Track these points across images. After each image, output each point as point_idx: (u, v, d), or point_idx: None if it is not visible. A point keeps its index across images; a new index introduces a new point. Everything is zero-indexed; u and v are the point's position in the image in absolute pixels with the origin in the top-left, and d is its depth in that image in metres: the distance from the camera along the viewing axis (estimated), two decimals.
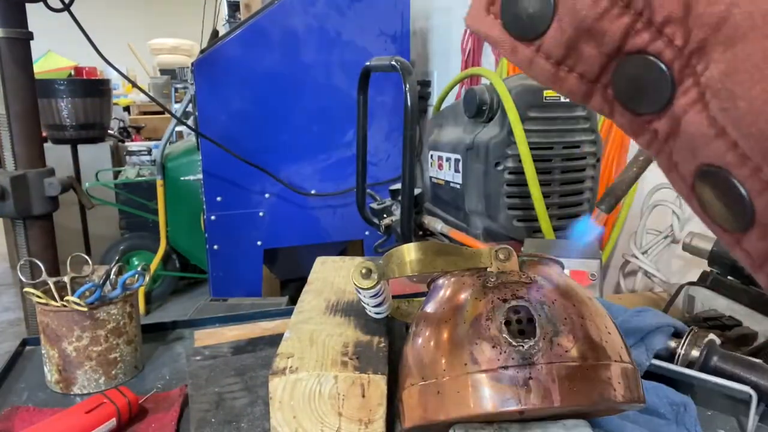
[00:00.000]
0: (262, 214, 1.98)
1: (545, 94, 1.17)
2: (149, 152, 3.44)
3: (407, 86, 1.08)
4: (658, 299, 1.08)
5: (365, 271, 0.51)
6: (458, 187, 1.31)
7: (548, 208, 1.17)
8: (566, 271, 0.86)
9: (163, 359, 0.76)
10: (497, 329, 0.43)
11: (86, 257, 0.75)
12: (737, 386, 0.59)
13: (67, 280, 0.72)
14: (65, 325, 0.65)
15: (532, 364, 0.41)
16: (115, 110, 4.00)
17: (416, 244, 0.51)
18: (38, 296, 0.67)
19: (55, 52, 3.79)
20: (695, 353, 0.64)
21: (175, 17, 6.96)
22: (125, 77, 1.55)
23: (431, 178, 1.45)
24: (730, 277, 0.92)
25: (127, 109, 4.97)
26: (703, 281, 0.95)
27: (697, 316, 0.87)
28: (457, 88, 1.76)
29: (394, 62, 1.11)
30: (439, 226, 1.22)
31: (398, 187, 1.18)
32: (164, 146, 2.53)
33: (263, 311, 0.87)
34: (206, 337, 0.78)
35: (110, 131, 3.65)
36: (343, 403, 0.49)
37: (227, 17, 3.15)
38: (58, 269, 1.37)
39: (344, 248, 2.22)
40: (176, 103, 3.95)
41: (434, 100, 2.12)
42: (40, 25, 1.44)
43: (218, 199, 1.92)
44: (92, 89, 3.18)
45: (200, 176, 1.95)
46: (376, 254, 1.47)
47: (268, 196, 1.97)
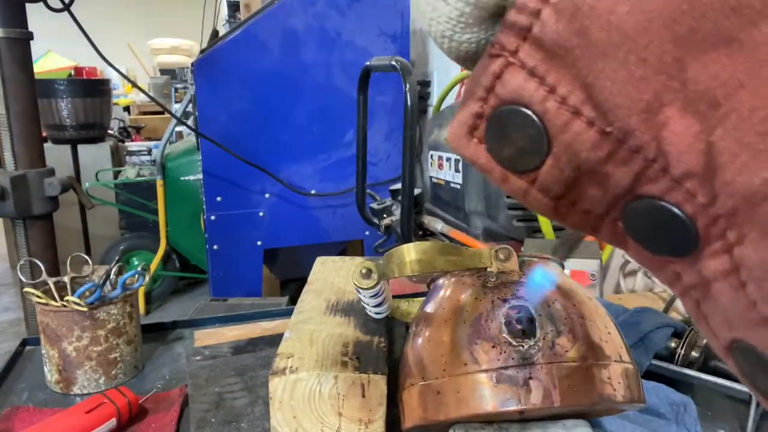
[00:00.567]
0: (262, 214, 1.98)
1: None
2: (149, 152, 3.44)
3: (407, 86, 1.08)
4: (658, 299, 1.08)
5: (365, 271, 0.51)
6: (458, 187, 1.30)
7: None
8: (566, 271, 0.86)
9: (163, 359, 0.76)
10: (497, 329, 0.43)
11: (86, 257, 0.75)
12: (737, 386, 0.59)
13: (67, 280, 0.72)
14: (65, 325, 0.65)
15: (532, 364, 0.41)
16: (115, 110, 3.99)
17: (416, 244, 0.51)
18: (38, 296, 0.67)
19: (55, 52, 3.80)
20: (695, 353, 0.64)
21: (175, 17, 6.96)
22: (125, 77, 1.55)
23: (431, 178, 1.45)
24: None
25: (127, 109, 4.97)
26: None
27: None
28: (457, 88, 1.76)
29: (394, 62, 1.11)
30: (439, 226, 1.22)
31: (398, 187, 1.18)
32: (164, 146, 2.53)
33: (263, 311, 0.87)
34: (206, 337, 0.78)
35: (110, 131, 3.65)
36: (343, 403, 0.49)
37: (227, 17, 3.15)
38: (58, 269, 1.37)
39: (344, 248, 2.22)
40: (176, 103, 3.95)
41: (434, 100, 2.12)
42: (40, 25, 1.44)
43: (218, 199, 1.92)
44: (92, 89, 3.18)
45: (200, 176, 1.95)
46: (376, 254, 1.47)
47: (268, 196, 1.97)
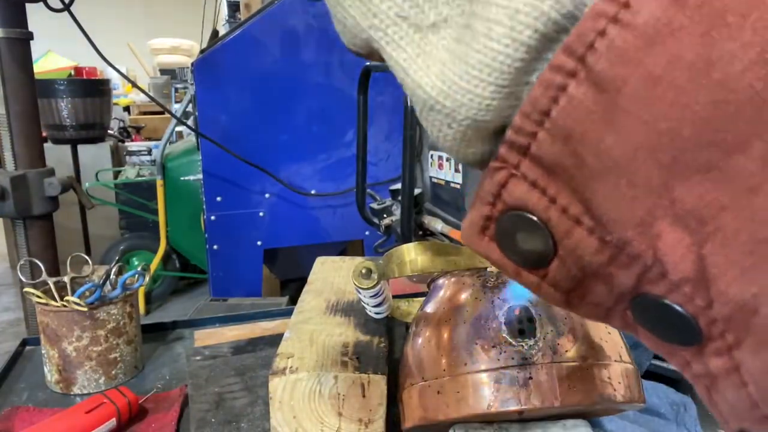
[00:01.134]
0: (262, 214, 1.98)
1: None
2: (149, 152, 3.44)
3: None
4: None
5: (365, 271, 0.51)
6: (458, 187, 1.30)
7: None
8: None
9: (163, 359, 0.76)
10: (497, 329, 0.43)
11: (86, 257, 0.75)
12: None
13: (67, 280, 0.72)
14: (65, 325, 0.65)
15: (532, 364, 0.41)
16: (115, 110, 3.99)
17: (416, 244, 0.51)
18: (38, 296, 0.67)
19: (55, 52, 3.79)
20: None
21: (175, 17, 6.96)
22: (125, 77, 1.55)
23: (431, 178, 1.45)
24: None
25: (127, 109, 4.97)
26: None
27: None
28: None
29: None
30: (439, 226, 1.22)
31: (398, 187, 1.18)
32: (164, 146, 2.52)
33: (263, 311, 0.87)
34: (206, 337, 0.78)
35: (110, 131, 3.65)
36: (343, 403, 0.49)
37: (227, 17, 3.15)
38: (58, 269, 1.37)
39: (344, 248, 2.22)
40: (176, 103, 3.95)
41: None
42: (40, 25, 1.44)
43: (218, 199, 1.92)
44: (92, 89, 3.18)
45: (200, 176, 1.95)
46: (376, 254, 1.47)
47: (268, 196, 1.97)
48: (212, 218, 1.93)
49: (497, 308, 0.44)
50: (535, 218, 0.15)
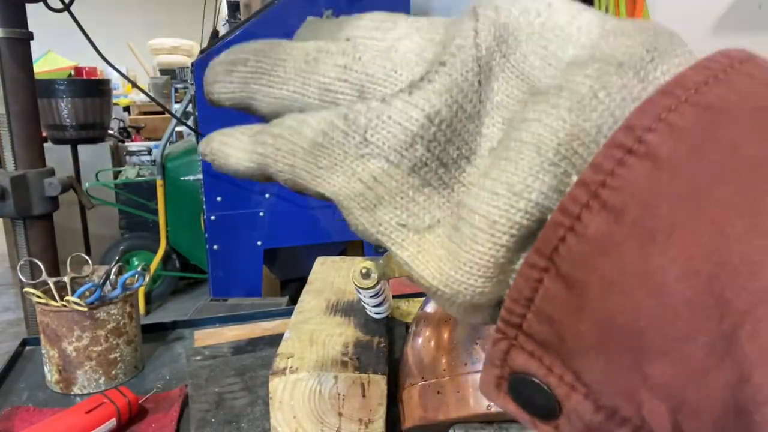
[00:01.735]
0: (262, 214, 1.98)
1: None
2: (149, 152, 3.44)
3: None
4: None
5: (365, 271, 0.51)
6: None
7: None
8: None
9: (163, 359, 0.76)
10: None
11: (86, 257, 0.75)
12: None
13: (67, 280, 0.72)
14: (65, 325, 0.65)
15: None
16: (115, 110, 3.99)
17: None
18: (38, 296, 0.67)
19: (55, 52, 3.79)
20: None
21: (175, 17, 6.97)
22: (125, 77, 1.55)
23: None
24: None
25: (127, 109, 4.97)
26: None
27: None
28: None
29: None
30: None
31: None
32: (164, 146, 2.53)
33: (263, 311, 0.87)
34: (206, 337, 0.78)
35: (110, 131, 3.65)
36: (343, 403, 0.49)
37: (227, 17, 3.15)
38: (58, 269, 1.37)
39: (344, 248, 2.22)
40: (176, 103, 3.95)
41: None
42: (40, 25, 1.44)
43: (218, 199, 1.92)
44: (92, 89, 3.18)
45: (200, 176, 1.95)
46: (376, 254, 1.47)
47: (268, 196, 1.97)
48: (212, 218, 1.93)
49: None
50: (538, 381, 0.17)
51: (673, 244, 0.13)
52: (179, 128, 3.42)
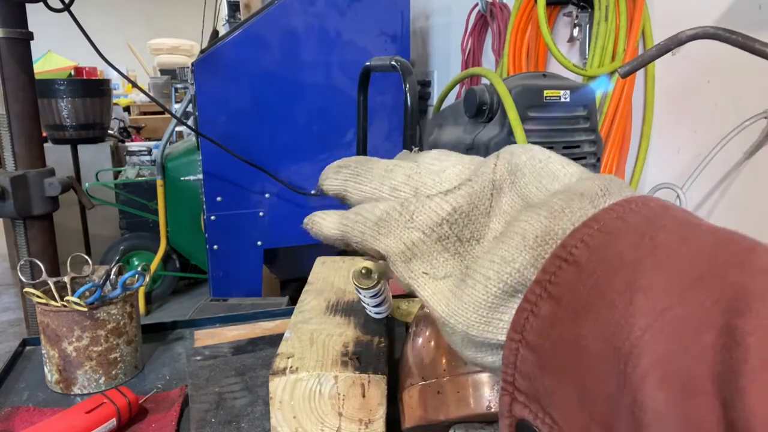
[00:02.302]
0: (262, 214, 1.98)
1: (545, 93, 1.17)
2: (149, 152, 3.44)
3: (407, 86, 1.08)
4: None
5: (365, 271, 0.51)
6: None
7: None
8: None
9: (163, 359, 0.76)
10: None
11: (86, 257, 0.75)
12: None
13: (67, 280, 0.72)
14: (65, 325, 0.65)
15: None
16: (115, 110, 4.00)
17: None
18: (38, 296, 0.67)
19: (55, 52, 3.80)
20: None
21: (175, 17, 6.97)
22: (125, 77, 1.55)
23: None
24: None
25: (127, 109, 4.97)
26: None
27: None
28: (457, 88, 1.76)
29: (394, 62, 1.11)
30: None
31: None
32: (164, 146, 2.53)
33: (263, 311, 0.87)
34: (206, 337, 0.78)
35: (110, 131, 3.66)
36: (343, 403, 0.49)
37: (227, 17, 3.15)
38: (58, 269, 1.37)
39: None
40: (176, 103, 3.95)
41: (434, 100, 2.12)
42: (40, 25, 1.44)
43: (218, 199, 1.92)
44: (92, 89, 3.18)
45: (200, 176, 1.95)
46: None
47: (268, 196, 1.97)
48: (212, 218, 1.93)
49: None
50: (533, 426, 0.22)
51: (589, 318, 0.20)
52: (179, 128, 3.42)
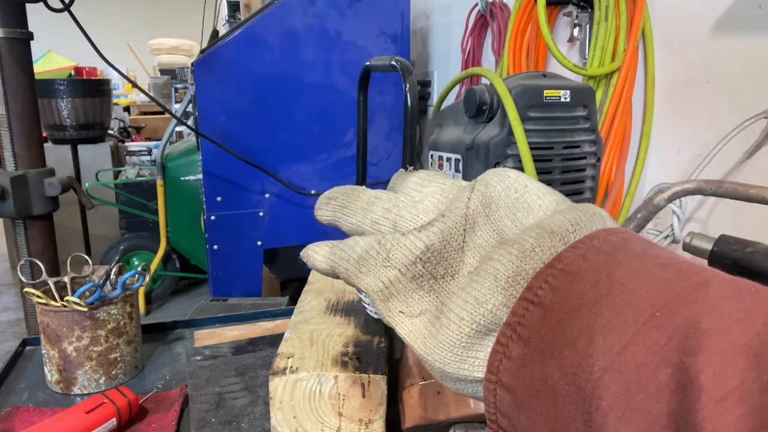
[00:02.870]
0: (262, 214, 1.98)
1: (545, 93, 1.17)
2: (149, 152, 3.44)
3: (407, 86, 1.08)
4: None
5: None
6: None
7: None
8: None
9: (163, 359, 0.76)
10: None
11: (86, 257, 0.75)
12: None
13: (67, 280, 0.72)
14: (65, 325, 0.65)
15: None
16: (115, 110, 4.00)
17: None
18: (38, 296, 0.67)
19: (55, 52, 3.80)
20: None
21: (175, 17, 6.97)
22: (125, 77, 1.55)
23: None
24: None
25: (127, 109, 4.97)
26: None
27: None
28: (457, 88, 1.76)
29: (394, 62, 1.11)
30: None
31: None
32: (164, 146, 2.53)
33: (263, 311, 0.87)
34: (206, 337, 0.78)
35: (110, 131, 3.66)
36: (343, 403, 0.49)
37: (227, 17, 3.15)
38: (58, 269, 1.37)
39: None
40: (176, 103, 3.95)
41: (434, 100, 2.12)
42: (40, 25, 1.44)
43: (218, 199, 1.92)
44: (92, 89, 3.18)
45: (200, 176, 1.95)
46: None
47: (268, 196, 1.97)
48: (212, 218, 1.93)
49: None
50: None
51: (554, 357, 0.21)
52: (179, 128, 3.42)
